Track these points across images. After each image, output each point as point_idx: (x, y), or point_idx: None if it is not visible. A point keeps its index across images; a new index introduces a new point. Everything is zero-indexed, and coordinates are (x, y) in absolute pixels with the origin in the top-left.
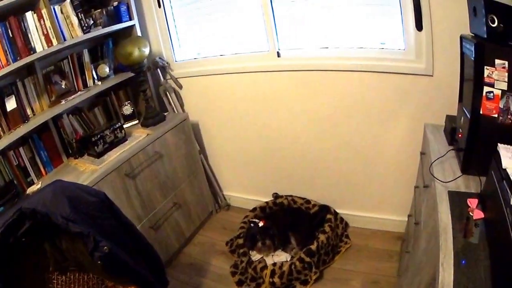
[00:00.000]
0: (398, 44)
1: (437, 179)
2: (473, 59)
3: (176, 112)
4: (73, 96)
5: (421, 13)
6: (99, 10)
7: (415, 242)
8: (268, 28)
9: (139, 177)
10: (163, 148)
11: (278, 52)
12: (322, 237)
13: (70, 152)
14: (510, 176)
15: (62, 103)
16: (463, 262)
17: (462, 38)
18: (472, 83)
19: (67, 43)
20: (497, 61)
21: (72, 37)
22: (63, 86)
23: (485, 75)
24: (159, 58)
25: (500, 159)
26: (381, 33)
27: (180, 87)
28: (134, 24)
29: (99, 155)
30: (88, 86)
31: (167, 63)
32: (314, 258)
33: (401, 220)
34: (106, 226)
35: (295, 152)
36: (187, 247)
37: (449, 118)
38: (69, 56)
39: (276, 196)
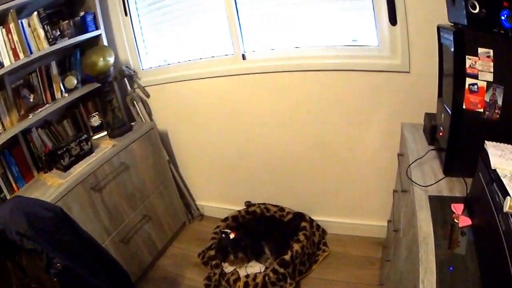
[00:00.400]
0: (371, 41)
1: (416, 183)
2: (452, 49)
3: (144, 121)
4: (40, 110)
5: (395, 6)
6: (66, 21)
7: (396, 250)
8: (233, 29)
9: (106, 190)
10: (129, 158)
11: (243, 55)
12: (296, 246)
13: (40, 166)
14: (501, 177)
15: (30, 117)
16: (451, 269)
17: (439, 28)
18: (452, 77)
19: (33, 56)
20: (480, 50)
21: (39, 50)
22: (31, 100)
23: (467, 66)
24: (126, 67)
25: (488, 158)
26: (353, 30)
27: (148, 95)
28: (101, 34)
29: (66, 168)
30: (56, 98)
31: (134, 71)
32: (289, 268)
33: (382, 225)
34: (64, 242)
35: (268, 158)
36: (160, 260)
37: (429, 116)
38: (37, 69)
39: (248, 204)
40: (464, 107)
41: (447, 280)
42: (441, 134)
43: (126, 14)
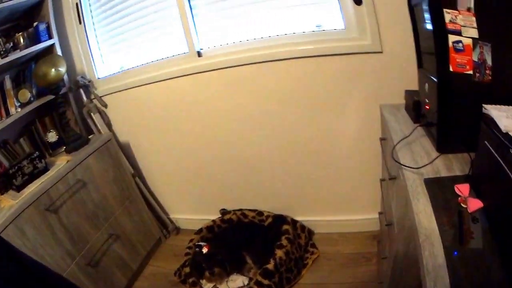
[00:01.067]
0: (337, 24)
1: (405, 166)
2: (427, 6)
3: (102, 133)
4: None
5: None
6: (21, 33)
7: (391, 245)
8: (185, 27)
9: (62, 210)
10: (86, 174)
11: (198, 52)
12: (279, 252)
13: None
14: None
15: None
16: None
17: None
18: (432, 39)
19: None
20: (460, 1)
21: None
22: None
23: (447, 21)
24: (81, 77)
25: (494, 122)
26: (315, 16)
27: (105, 106)
28: (54, 43)
29: (19, 188)
30: (11, 114)
31: (89, 81)
32: (274, 278)
33: (373, 217)
34: (6, 274)
35: (240, 159)
36: (137, 282)
37: (409, 93)
38: None
39: (224, 212)
40: (451, 69)
41: None
42: (427, 107)
43: (80, 22)
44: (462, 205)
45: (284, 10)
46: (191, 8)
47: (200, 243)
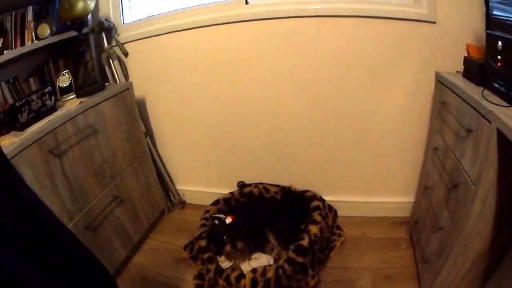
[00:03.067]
0: None
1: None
2: None
3: (119, 82)
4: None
5: None
6: None
7: (455, 213)
8: None
9: (67, 157)
10: (99, 121)
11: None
12: (314, 228)
13: None
14: None
15: None
16: None
17: None
18: None
19: None
20: None
21: None
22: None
23: None
24: (105, 19)
25: None
26: None
27: (126, 54)
28: None
29: (23, 126)
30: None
31: (113, 24)
32: (308, 257)
33: (405, 201)
34: None
35: (266, 128)
36: (137, 256)
37: (468, 60)
38: (13, 14)
39: (242, 185)
40: None
41: None
42: (499, 64)
43: None
44: None
45: None
46: None
47: (218, 215)
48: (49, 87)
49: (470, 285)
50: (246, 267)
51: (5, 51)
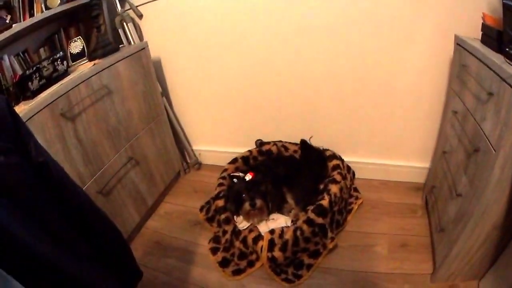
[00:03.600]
0: None
1: None
2: None
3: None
4: (14, 25)
5: None
6: None
7: (474, 179)
8: None
9: (80, 119)
10: (114, 81)
11: None
12: (334, 187)
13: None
14: None
15: None
16: None
17: None
18: None
19: None
20: None
21: None
22: (7, 21)
23: None
24: None
25: None
26: None
27: (140, 16)
28: None
29: (34, 94)
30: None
31: None
32: (327, 218)
33: (422, 167)
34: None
35: (285, 85)
36: (150, 219)
37: (486, 27)
38: None
39: (261, 143)
40: None
41: None
42: None
43: None
44: None
45: None
46: None
47: (237, 173)
48: (60, 52)
49: (482, 260)
50: (263, 228)
51: (13, 25)
